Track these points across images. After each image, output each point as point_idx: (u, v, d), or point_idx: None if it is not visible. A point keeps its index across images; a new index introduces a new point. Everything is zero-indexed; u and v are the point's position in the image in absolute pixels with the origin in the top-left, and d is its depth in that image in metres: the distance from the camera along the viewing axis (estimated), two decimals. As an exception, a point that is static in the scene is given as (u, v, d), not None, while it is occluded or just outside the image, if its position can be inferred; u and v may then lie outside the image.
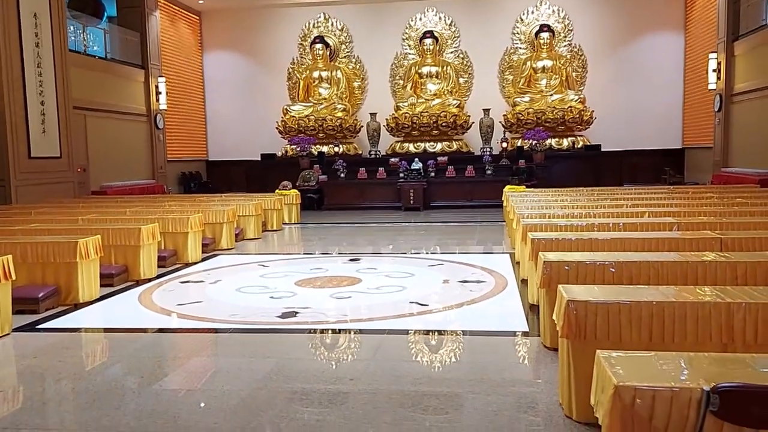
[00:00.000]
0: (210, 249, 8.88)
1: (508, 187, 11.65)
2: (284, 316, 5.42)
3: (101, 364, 4.56)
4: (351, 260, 8.06)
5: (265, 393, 3.69)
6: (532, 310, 5.41)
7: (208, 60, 18.73)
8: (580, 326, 3.20)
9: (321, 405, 3.51)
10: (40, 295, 5.75)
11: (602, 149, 16.24)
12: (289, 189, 11.94)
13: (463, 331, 4.95)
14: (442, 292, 6.30)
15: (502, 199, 11.54)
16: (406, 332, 4.92)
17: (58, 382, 4.01)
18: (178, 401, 3.63)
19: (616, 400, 2.11)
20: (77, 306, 5.96)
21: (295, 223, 12.02)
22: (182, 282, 7.00)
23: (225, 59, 18.65)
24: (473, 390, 3.67)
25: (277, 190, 11.98)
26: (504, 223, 11.02)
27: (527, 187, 11.76)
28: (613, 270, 4.21)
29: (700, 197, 8.92)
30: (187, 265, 7.96)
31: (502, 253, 8.43)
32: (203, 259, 8.32)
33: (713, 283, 4.06)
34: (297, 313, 5.51)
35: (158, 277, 7.22)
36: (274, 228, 11.03)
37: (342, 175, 14.82)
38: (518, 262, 7.30)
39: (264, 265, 7.85)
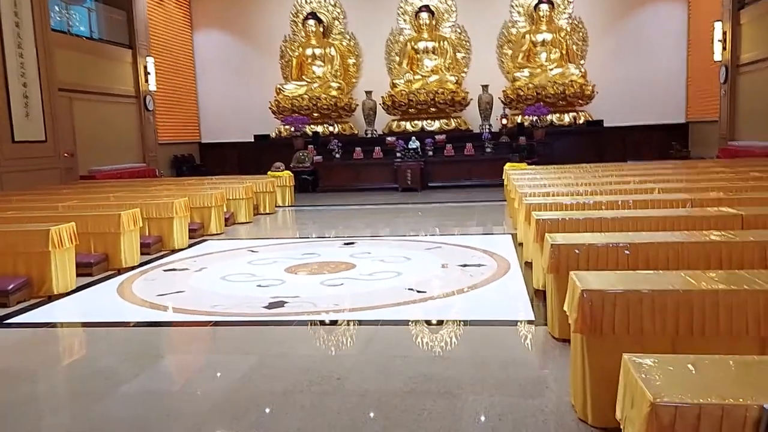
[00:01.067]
0: (198, 234, 8.46)
1: (508, 164, 11.20)
2: (271, 306, 5.02)
3: (69, 363, 4.16)
4: (345, 244, 7.64)
5: (242, 396, 3.29)
6: (537, 296, 5.01)
7: (199, 39, 18.15)
8: (596, 320, 2.79)
9: (303, 410, 3.11)
10: (10, 287, 5.34)
11: (605, 125, 15.75)
12: (282, 171, 11.49)
13: (462, 321, 4.54)
14: (440, 277, 5.89)
15: (503, 177, 11.09)
16: (401, 323, 4.52)
17: (22, 383, 3.62)
18: (147, 405, 3.24)
19: (652, 420, 1.70)
20: (51, 298, 5.56)
21: (288, 206, 11.59)
22: (166, 270, 6.59)
23: (216, 38, 18.07)
24: (474, 390, 3.26)
25: (269, 172, 11.53)
26: (505, 203, 10.58)
27: (528, 164, 11.31)
28: (628, 252, 3.79)
29: (711, 172, 8.47)
30: (173, 251, 7.54)
31: (503, 234, 8.01)
32: (190, 245, 7.90)
33: (740, 265, 3.63)
34: (285, 303, 5.10)
35: (141, 265, 6.82)
36: (267, 211, 10.59)
37: (337, 155, 14.36)
38: (521, 244, 6.89)
39: (253, 251, 7.43)
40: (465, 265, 6.23)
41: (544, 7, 16.48)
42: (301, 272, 6.20)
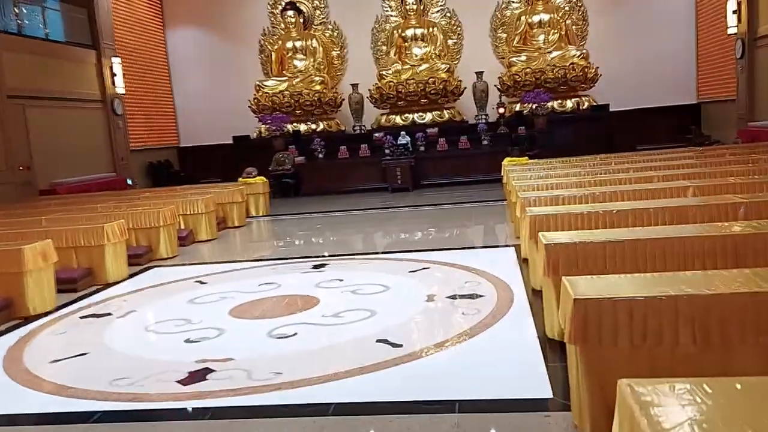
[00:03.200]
0: (145, 260, 7.05)
1: (507, 159, 9.75)
2: (189, 379, 3.59)
3: None
4: (314, 267, 6.22)
5: None
6: (551, 348, 3.58)
7: (172, 37, 16.66)
8: (591, 331, 1.42)
9: None
10: None
11: (610, 109, 14.24)
12: (255, 176, 10.05)
13: (447, 401, 3.09)
14: (424, 317, 4.46)
15: (502, 173, 9.65)
16: (362, 408, 3.09)
17: None
18: None
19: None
20: None
21: (263, 216, 10.15)
22: (84, 317, 5.17)
23: (190, 35, 16.59)
24: None
25: (240, 179, 10.10)
26: (505, 203, 9.14)
27: (530, 157, 9.84)
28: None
29: (747, 162, 6.99)
30: (107, 286, 6.13)
31: (504, 246, 6.57)
32: (131, 276, 6.49)
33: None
34: (211, 371, 3.68)
35: (60, 308, 5.41)
36: (236, 224, 9.16)
37: (320, 155, 12.92)
38: (525, 260, 5.47)
39: (201, 282, 6.00)
40: (456, 296, 4.80)
41: (539, -15, 14.94)
42: (249, 316, 4.78)
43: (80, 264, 6.16)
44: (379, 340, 3.96)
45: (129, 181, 14.06)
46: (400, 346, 3.85)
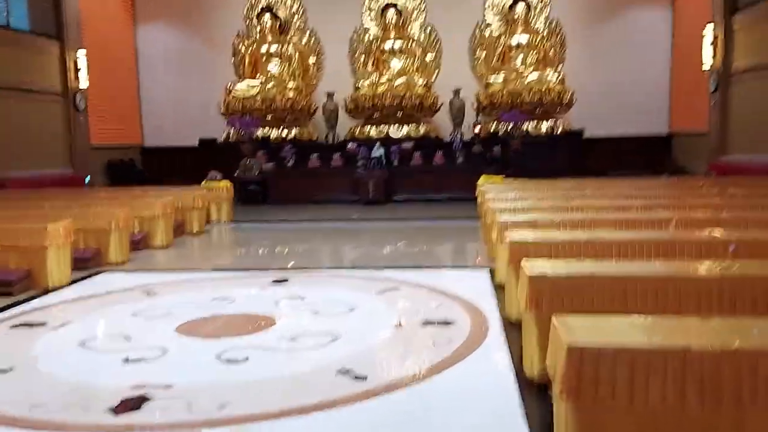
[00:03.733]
0: (93, 264, 6.50)
1: (483, 177, 9.47)
2: (121, 409, 3.12)
3: None
4: (275, 281, 5.77)
5: None
6: (530, 390, 3.23)
7: (142, 33, 16.07)
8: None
9: None
10: None
11: (585, 135, 14.16)
12: (219, 180, 9.56)
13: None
14: (392, 345, 4.07)
15: (476, 192, 9.37)
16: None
17: None
18: None
19: None
20: None
21: (225, 223, 9.64)
22: (15, 326, 4.63)
23: (162, 32, 16.02)
24: None
25: (203, 183, 9.60)
26: (479, 222, 8.84)
27: (504, 177, 9.58)
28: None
29: (725, 195, 6.81)
30: (46, 291, 5.58)
31: (478, 268, 6.23)
32: (75, 281, 5.95)
33: None
34: (146, 400, 3.22)
35: (-11, 314, 4.86)
36: (195, 230, 8.64)
37: (290, 163, 12.48)
38: (501, 286, 5.15)
39: (150, 293, 5.51)
40: (427, 323, 4.42)
41: (519, 8, 14.86)
42: (198, 334, 4.31)
43: (19, 266, 5.60)
44: (341, 371, 3.55)
45: (87, 179, 13.39)
46: (364, 378, 3.45)
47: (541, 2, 15.13)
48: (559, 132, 14.13)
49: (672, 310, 2.95)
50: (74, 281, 5.94)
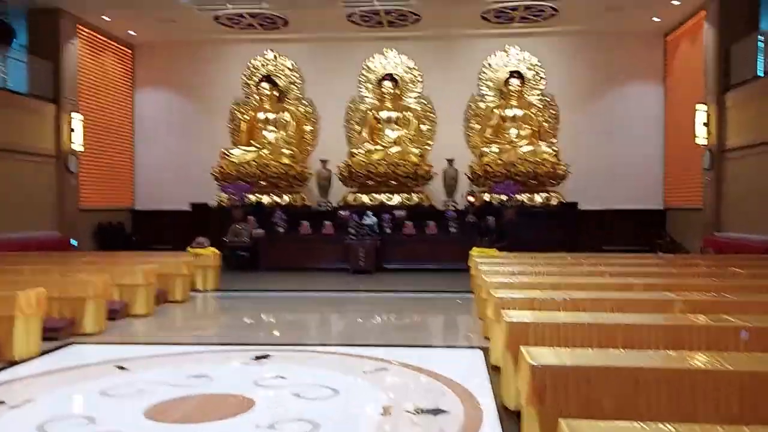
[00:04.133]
0: (65, 334, 6.14)
1: (475, 249, 9.25)
2: None
3: None
4: (257, 358, 5.42)
5: None
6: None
7: (141, 98, 16.16)
8: None
9: None
10: None
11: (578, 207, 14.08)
12: (206, 247, 9.30)
13: None
14: (378, 437, 3.72)
15: (469, 263, 9.13)
16: None
17: None
18: None
19: None
20: None
21: (211, 291, 9.30)
22: (-32, 404, 4.26)
23: (160, 97, 16.12)
24: None
25: (189, 249, 9.33)
26: (471, 296, 8.55)
27: (498, 249, 9.36)
28: None
29: (726, 276, 6.58)
30: (11, 364, 5.21)
31: (472, 348, 5.90)
32: (44, 353, 5.58)
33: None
34: (98, 500, 2.85)
35: (-56, 389, 4.48)
36: (178, 299, 8.30)
37: (281, 229, 12.26)
38: (496, 367, 4.83)
39: (122, 368, 5.14)
40: (417, 412, 4.07)
41: (515, 81, 15.07)
42: (167, 418, 3.95)
43: (-17, 336, 5.25)
44: (319, 467, 3.20)
45: (73, 242, 13.09)
46: (345, 477, 3.10)
47: (536, 77, 15.37)
48: (552, 204, 14.04)
49: (686, 408, 2.68)
50: (44, 352, 5.57)
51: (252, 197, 13.85)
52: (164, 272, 8.08)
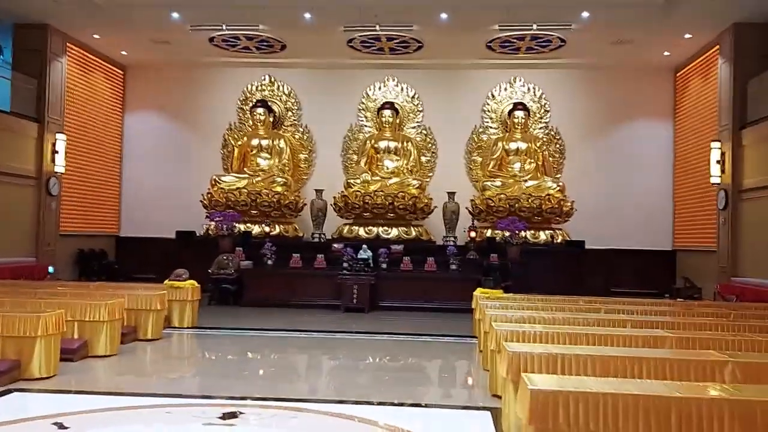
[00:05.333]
0: (7, 379, 5.26)
1: (479, 290, 8.42)
2: None
3: None
4: (223, 416, 4.55)
5: None
6: None
7: (131, 120, 15.46)
8: None
9: None
10: None
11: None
12: (185, 279, 8.45)
13: None
14: None
15: (471, 303, 8.30)
16: None
17: None
18: None
19: None
20: None
21: (188, 328, 8.41)
22: None
23: (151, 120, 15.42)
24: None
25: (166, 282, 8.48)
26: (474, 341, 7.70)
27: (504, 291, 8.53)
28: None
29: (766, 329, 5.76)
30: (-70, 417, 4.34)
31: (478, 409, 5.02)
32: (-24, 402, 4.71)
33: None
34: None
35: None
36: (149, 337, 7.41)
37: (270, 261, 11.42)
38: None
39: (62, 426, 4.26)
40: (413, 500, 3.21)
41: (519, 114, 14.44)
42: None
43: None
44: None
45: (50, 270, 12.22)
46: None
47: (541, 110, 14.76)
48: (558, 242, 13.26)
49: None
50: (-25, 402, 4.70)
51: (242, 227, 13.06)
52: (134, 307, 7.23)
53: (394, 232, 13.34)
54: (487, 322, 5.98)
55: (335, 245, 12.07)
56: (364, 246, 11.73)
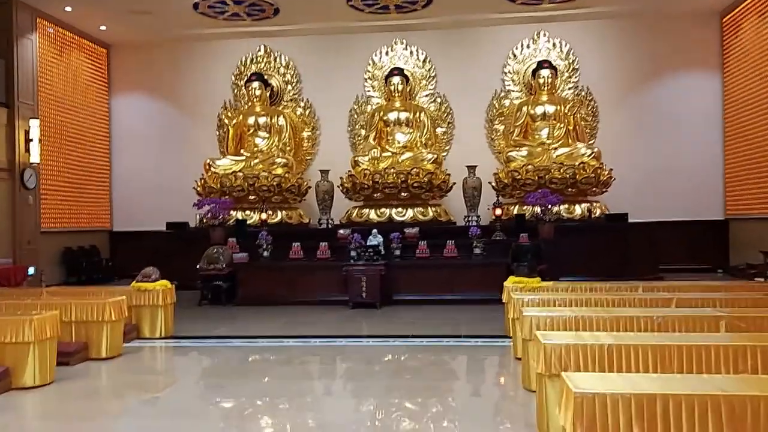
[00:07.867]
0: None
1: (511, 279, 6.77)
2: None
3: None
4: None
5: None
6: None
7: (118, 104, 14.00)
8: None
9: None
10: None
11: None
12: (154, 281, 6.94)
13: None
14: None
15: (502, 297, 6.67)
16: None
17: None
18: None
19: None
20: None
21: (161, 338, 6.90)
22: None
23: (140, 103, 13.93)
24: None
25: (133, 284, 6.98)
26: (509, 343, 6.09)
27: (541, 278, 6.86)
28: None
29: None
30: None
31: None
32: None
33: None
34: None
35: None
36: (104, 355, 5.91)
37: (266, 253, 9.88)
38: None
39: None
40: None
41: (545, 73, 12.58)
42: None
43: None
44: None
45: (30, 271, 10.85)
46: None
47: (569, 68, 12.92)
48: (596, 216, 11.50)
49: None
50: None
51: (239, 215, 11.57)
52: (82, 319, 5.75)
53: (408, 214, 11.72)
54: (527, 327, 4.36)
55: (341, 231, 10.48)
56: (374, 231, 10.12)
